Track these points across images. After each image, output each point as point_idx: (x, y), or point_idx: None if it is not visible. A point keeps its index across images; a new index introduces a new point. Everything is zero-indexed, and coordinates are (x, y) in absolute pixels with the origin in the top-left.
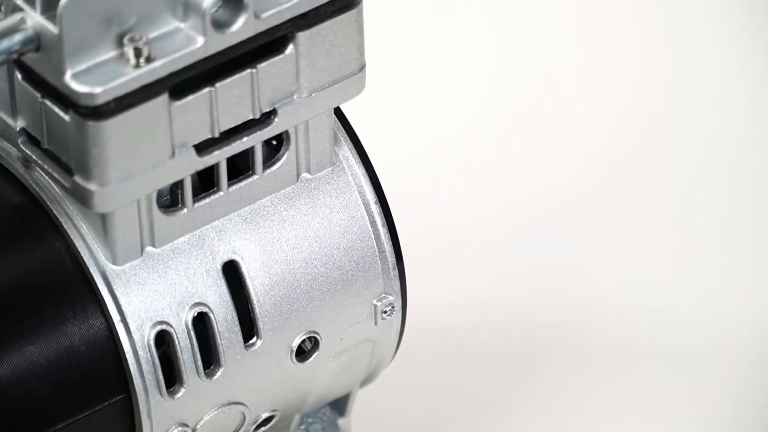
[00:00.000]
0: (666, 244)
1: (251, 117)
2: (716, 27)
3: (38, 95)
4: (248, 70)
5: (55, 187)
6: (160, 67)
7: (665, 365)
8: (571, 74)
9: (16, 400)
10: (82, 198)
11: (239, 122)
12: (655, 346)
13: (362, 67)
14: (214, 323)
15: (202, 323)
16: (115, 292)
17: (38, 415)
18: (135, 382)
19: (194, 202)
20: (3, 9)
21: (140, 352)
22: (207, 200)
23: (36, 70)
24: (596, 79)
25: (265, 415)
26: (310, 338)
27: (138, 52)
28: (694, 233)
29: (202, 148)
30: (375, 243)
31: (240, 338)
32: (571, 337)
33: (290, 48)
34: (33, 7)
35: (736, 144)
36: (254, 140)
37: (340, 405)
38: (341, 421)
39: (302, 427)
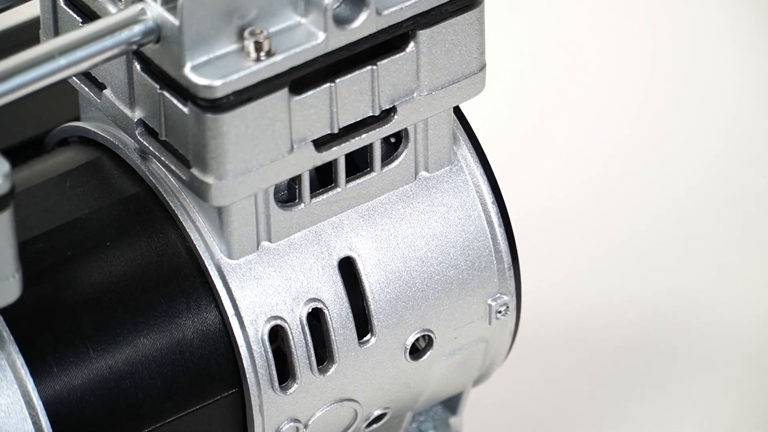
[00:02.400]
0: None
1: (371, 114)
2: (722, 28)
3: (157, 87)
4: (369, 67)
5: (171, 179)
6: (281, 61)
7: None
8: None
9: (127, 392)
10: (199, 191)
11: (358, 119)
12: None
13: (482, 67)
14: (329, 319)
15: (316, 319)
16: (230, 285)
17: (149, 407)
18: (248, 376)
19: (312, 197)
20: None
21: (254, 347)
22: (324, 196)
23: (155, 62)
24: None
25: (377, 413)
26: (424, 336)
27: (258, 46)
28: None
29: (320, 143)
30: (491, 242)
31: (354, 335)
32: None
33: (411, 46)
34: None
35: None
36: (373, 137)
37: (452, 403)
38: (453, 420)
39: (414, 425)
